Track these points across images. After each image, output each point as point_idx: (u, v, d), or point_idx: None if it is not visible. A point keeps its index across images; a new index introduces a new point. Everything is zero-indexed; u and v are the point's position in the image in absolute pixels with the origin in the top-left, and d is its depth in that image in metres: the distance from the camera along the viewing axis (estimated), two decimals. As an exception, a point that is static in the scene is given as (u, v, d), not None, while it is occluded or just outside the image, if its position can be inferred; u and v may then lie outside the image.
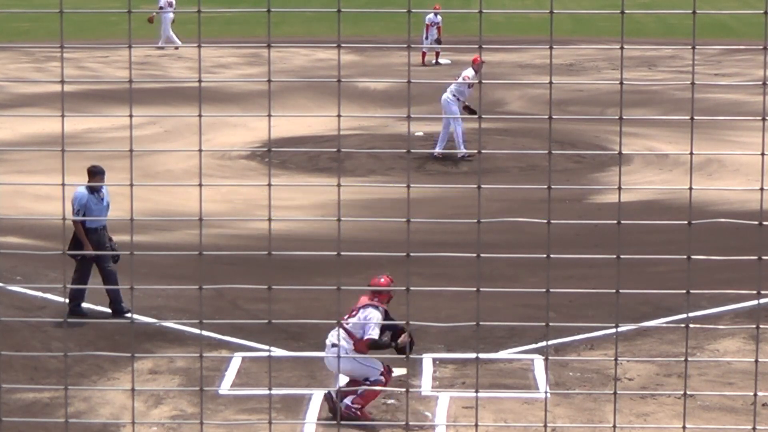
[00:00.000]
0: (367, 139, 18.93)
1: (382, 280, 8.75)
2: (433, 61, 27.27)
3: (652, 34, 31.49)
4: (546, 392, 9.12)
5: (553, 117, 3.90)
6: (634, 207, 14.64)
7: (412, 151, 18.06)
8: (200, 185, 3.76)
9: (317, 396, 9.10)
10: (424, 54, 27.21)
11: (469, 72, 17.80)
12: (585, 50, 27.94)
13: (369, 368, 8.64)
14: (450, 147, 17.50)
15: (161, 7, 28.81)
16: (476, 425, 5.22)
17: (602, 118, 19.96)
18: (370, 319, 8.55)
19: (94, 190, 10.65)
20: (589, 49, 28.00)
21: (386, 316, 8.66)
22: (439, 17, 26.83)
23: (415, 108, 20.58)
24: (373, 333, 8.53)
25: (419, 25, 27.99)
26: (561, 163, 17.30)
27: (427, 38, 26.81)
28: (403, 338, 8.62)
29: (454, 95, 17.46)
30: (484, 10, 3.39)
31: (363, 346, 8.56)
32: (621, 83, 3.72)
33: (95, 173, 10.69)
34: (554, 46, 3.84)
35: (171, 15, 28.17)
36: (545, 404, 9.02)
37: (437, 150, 17.43)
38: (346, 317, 8.67)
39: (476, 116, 17.43)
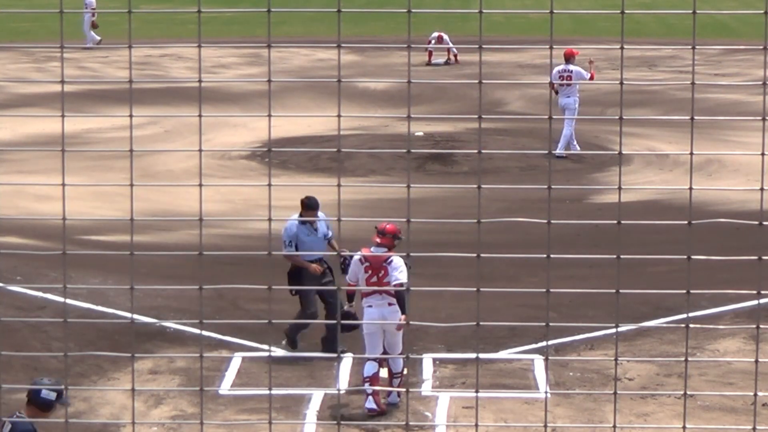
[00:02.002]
0: (367, 139, 18.92)
1: (389, 226, 9.01)
2: (446, 61, 27.00)
3: (653, 34, 31.49)
4: (546, 392, 9.12)
5: (553, 117, 3.90)
6: (635, 207, 14.64)
7: (412, 150, 18.06)
8: (200, 185, 3.76)
9: (317, 396, 9.10)
10: (430, 53, 27.06)
11: (569, 66, 17.95)
12: (585, 50, 27.91)
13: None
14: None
15: (93, 8, 28.81)
16: (476, 425, 5.23)
17: (602, 118, 19.97)
18: (398, 267, 8.84)
19: (306, 221, 10.01)
20: (589, 49, 27.99)
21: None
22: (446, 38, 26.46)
23: (415, 108, 20.57)
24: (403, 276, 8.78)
25: (419, 25, 27.94)
26: (561, 163, 17.30)
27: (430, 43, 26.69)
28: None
29: (575, 96, 17.69)
30: (484, 10, 3.38)
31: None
32: (621, 83, 3.72)
33: (309, 206, 9.98)
34: (554, 46, 3.83)
35: (89, 16, 28.37)
36: (545, 404, 9.02)
37: (560, 150, 17.55)
38: (370, 278, 8.83)
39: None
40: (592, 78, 17.89)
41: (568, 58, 18.18)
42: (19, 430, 6.56)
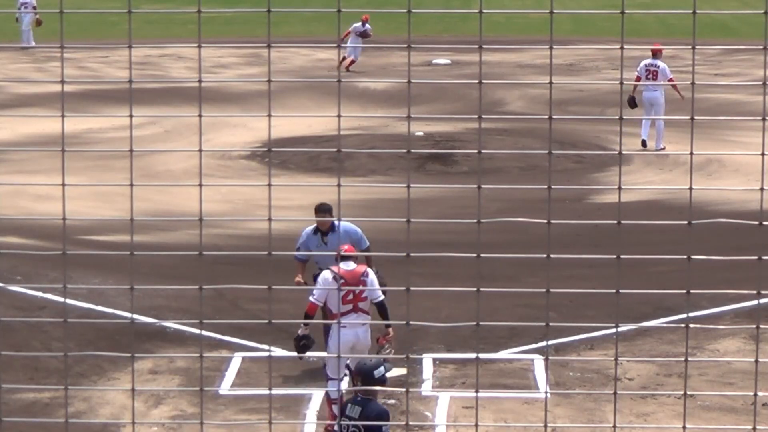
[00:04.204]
0: (368, 139, 18.94)
1: (346, 247, 8.80)
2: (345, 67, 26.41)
3: (653, 34, 31.49)
4: (546, 392, 9.12)
5: (554, 117, 3.89)
6: (635, 207, 14.65)
7: (412, 150, 18.08)
8: (200, 185, 3.76)
9: (317, 396, 9.10)
10: (349, 59, 26.51)
11: (656, 62, 18.33)
12: (585, 50, 27.97)
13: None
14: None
15: (25, 5, 27.77)
16: (476, 425, 5.24)
17: (602, 118, 19.99)
18: (375, 282, 8.57)
19: (318, 231, 9.49)
20: (589, 49, 28.03)
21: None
22: (367, 26, 26.19)
23: (415, 108, 20.58)
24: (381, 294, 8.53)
25: (420, 25, 28.01)
26: (561, 163, 17.31)
27: (346, 43, 26.10)
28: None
29: (661, 90, 18.10)
30: (484, 11, 3.38)
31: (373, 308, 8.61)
32: (621, 83, 3.73)
33: (320, 210, 9.46)
34: (554, 46, 3.83)
35: (30, 15, 27.89)
36: (545, 404, 9.02)
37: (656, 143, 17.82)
38: (344, 293, 8.47)
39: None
40: (672, 80, 18.47)
41: (655, 53, 18.69)
42: (375, 411, 6.79)
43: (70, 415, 8.59)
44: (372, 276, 8.63)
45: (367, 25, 26.24)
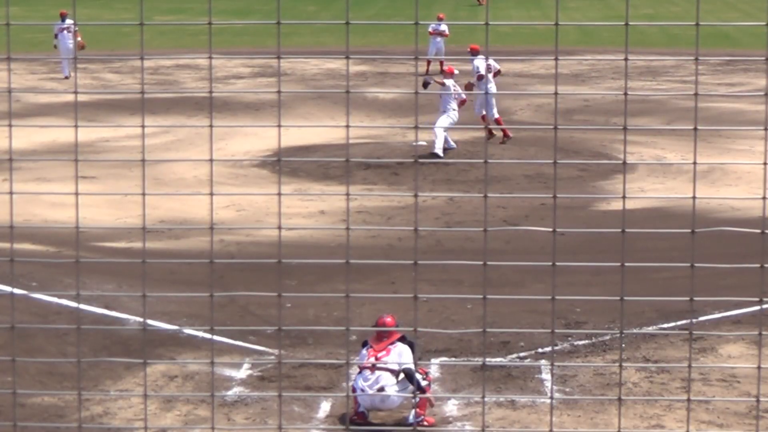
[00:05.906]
0: (375, 147, 19.12)
1: (389, 319, 8.81)
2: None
3: (656, 44, 31.63)
4: (552, 397, 9.22)
5: (559, 126, 4.02)
6: (639, 214, 14.77)
7: (420, 160, 18.25)
8: (211, 194, 3.92)
9: (326, 401, 9.25)
10: (428, 63, 27.46)
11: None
12: (590, 60, 28.12)
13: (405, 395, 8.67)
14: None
15: (68, 29, 25.91)
16: (483, 429, 5.34)
17: (607, 128, 20.13)
18: (402, 355, 8.69)
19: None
20: (595, 60, 28.19)
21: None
22: (443, 26, 27.09)
23: (422, 117, 20.75)
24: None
25: (425, 37, 28.19)
26: (567, 171, 17.44)
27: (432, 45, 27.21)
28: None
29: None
30: (490, 22, 3.53)
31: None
32: (625, 94, 3.87)
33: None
34: (560, 57, 3.99)
35: (70, 42, 25.89)
36: (551, 409, 9.15)
37: None
38: (374, 354, 8.60)
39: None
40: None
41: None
42: None
43: (85, 419, 8.73)
44: (400, 348, 8.69)
45: (443, 25, 27.25)
